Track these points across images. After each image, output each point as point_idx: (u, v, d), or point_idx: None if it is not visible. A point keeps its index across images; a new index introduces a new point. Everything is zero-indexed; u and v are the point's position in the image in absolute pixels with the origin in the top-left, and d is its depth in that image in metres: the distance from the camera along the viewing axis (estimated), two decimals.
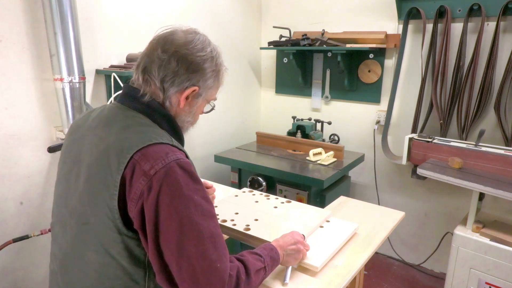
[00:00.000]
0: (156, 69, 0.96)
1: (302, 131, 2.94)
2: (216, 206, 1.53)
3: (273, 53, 3.41)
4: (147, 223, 0.84)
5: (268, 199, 1.62)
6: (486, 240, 1.97)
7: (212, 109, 1.14)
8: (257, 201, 1.59)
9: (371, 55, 2.84)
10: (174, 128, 1.01)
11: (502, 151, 2.16)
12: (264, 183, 2.64)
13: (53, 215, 1.07)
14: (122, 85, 1.66)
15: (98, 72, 2.19)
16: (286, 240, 1.16)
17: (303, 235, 1.23)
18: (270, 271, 1.06)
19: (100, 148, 0.91)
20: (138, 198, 0.84)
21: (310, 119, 3.07)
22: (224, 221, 1.40)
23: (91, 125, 1.00)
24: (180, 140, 1.04)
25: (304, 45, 2.86)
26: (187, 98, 1.00)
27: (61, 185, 1.03)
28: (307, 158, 2.67)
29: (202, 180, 1.10)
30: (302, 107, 3.33)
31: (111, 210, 0.86)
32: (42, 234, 1.81)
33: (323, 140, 2.97)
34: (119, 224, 0.86)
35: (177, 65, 0.95)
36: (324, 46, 2.83)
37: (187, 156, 0.95)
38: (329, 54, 3.00)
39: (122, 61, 2.29)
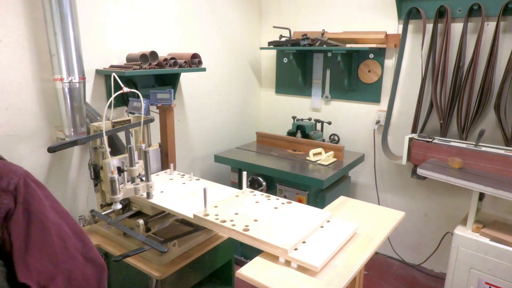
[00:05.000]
0: None
1: (302, 131, 2.94)
2: (216, 206, 1.53)
3: (273, 53, 3.41)
4: (15, 239, 0.75)
5: (269, 199, 1.62)
6: (486, 240, 1.97)
7: None
8: (257, 202, 1.59)
9: (371, 55, 2.84)
10: None
11: (502, 151, 2.16)
12: (264, 183, 2.64)
13: None
14: (122, 85, 1.66)
15: (98, 72, 2.19)
16: None
17: None
18: None
19: None
20: (4, 219, 0.75)
21: (310, 119, 3.07)
22: (224, 221, 1.40)
23: None
24: None
25: (304, 45, 2.86)
26: None
27: None
28: (307, 158, 2.67)
29: None
30: (302, 107, 3.33)
31: None
32: None
33: (323, 140, 2.97)
34: None
35: None
36: (324, 46, 2.83)
37: None
38: (329, 54, 3.01)
39: (122, 61, 2.29)
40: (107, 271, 0.86)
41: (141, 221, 1.64)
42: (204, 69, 2.53)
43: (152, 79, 2.52)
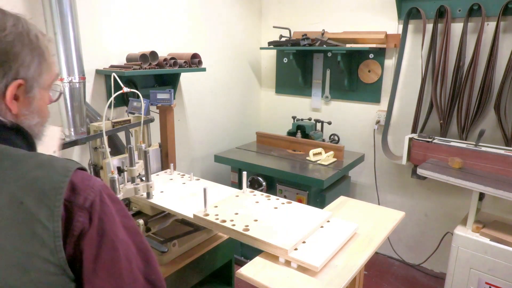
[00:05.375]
0: None
1: (302, 131, 2.94)
2: (216, 206, 1.53)
3: (273, 53, 3.41)
4: (86, 258, 0.72)
5: (269, 199, 1.62)
6: (486, 240, 1.97)
7: (60, 93, 0.94)
8: (257, 202, 1.59)
9: (371, 55, 2.84)
10: (30, 142, 0.81)
11: (502, 151, 2.16)
12: (264, 183, 2.64)
13: None
14: (122, 85, 1.66)
15: (98, 72, 2.19)
16: None
17: None
18: None
19: None
20: (75, 240, 0.71)
21: (310, 119, 3.07)
22: (224, 221, 1.40)
23: None
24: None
25: (304, 45, 2.86)
26: (16, 98, 0.76)
27: None
28: (307, 158, 2.67)
29: None
30: (302, 107, 3.33)
31: (58, 265, 0.69)
32: None
33: (323, 140, 2.97)
34: (71, 275, 0.71)
35: None
36: (324, 46, 2.83)
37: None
38: (329, 54, 3.01)
39: (122, 61, 2.29)
40: None
41: (141, 221, 1.64)
42: (204, 69, 2.53)
43: (152, 79, 2.52)
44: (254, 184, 2.67)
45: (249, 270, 1.23)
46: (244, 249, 2.88)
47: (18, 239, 0.67)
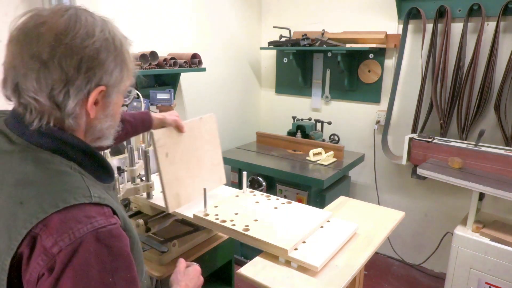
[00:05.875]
0: (35, 83, 0.68)
1: (302, 131, 2.94)
2: (216, 206, 1.53)
3: (273, 53, 3.41)
4: None
5: (269, 199, 1.62)
6: (486, 240, 1.97)
7: (134, 97, 0.92)
8: (257, 202, 1.59)
9: (371, 55, 2.84)
10: (95, 160, 0.79)
11: (502, 151, 2.16)
12: (264, 183, 2.64)
13: None
14: None
15: None
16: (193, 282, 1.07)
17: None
18: None
19: None
20: (34, 284, 0.63)
21: (310, 119, 3.07)
22: (224, 221, 1.40)
23: None
24: (107, 171, 0.82)
25: (304, 45, 2.86)
26: (95, 103, 0.75)
27: None
28: (307, 158, 2.67)
29: None
30: (302, 107, 3.33)
31: None
32: None
33: (323, 140, 2.97)
34: None
35: (61, 69, 0.68)
36: (324, 46, 2.83)
37: (114, 212, 0.72)
38: (329, 54, 3.01)
39: None
40: None
41: (141, 221, 1.64)
42: (204, 69, 2.53)
43: (152, 79, 2.52)
44: (254, 184, 2.67)
45: (249, 270, 1.23)
46: (244, 249, 2.88)
47: None
